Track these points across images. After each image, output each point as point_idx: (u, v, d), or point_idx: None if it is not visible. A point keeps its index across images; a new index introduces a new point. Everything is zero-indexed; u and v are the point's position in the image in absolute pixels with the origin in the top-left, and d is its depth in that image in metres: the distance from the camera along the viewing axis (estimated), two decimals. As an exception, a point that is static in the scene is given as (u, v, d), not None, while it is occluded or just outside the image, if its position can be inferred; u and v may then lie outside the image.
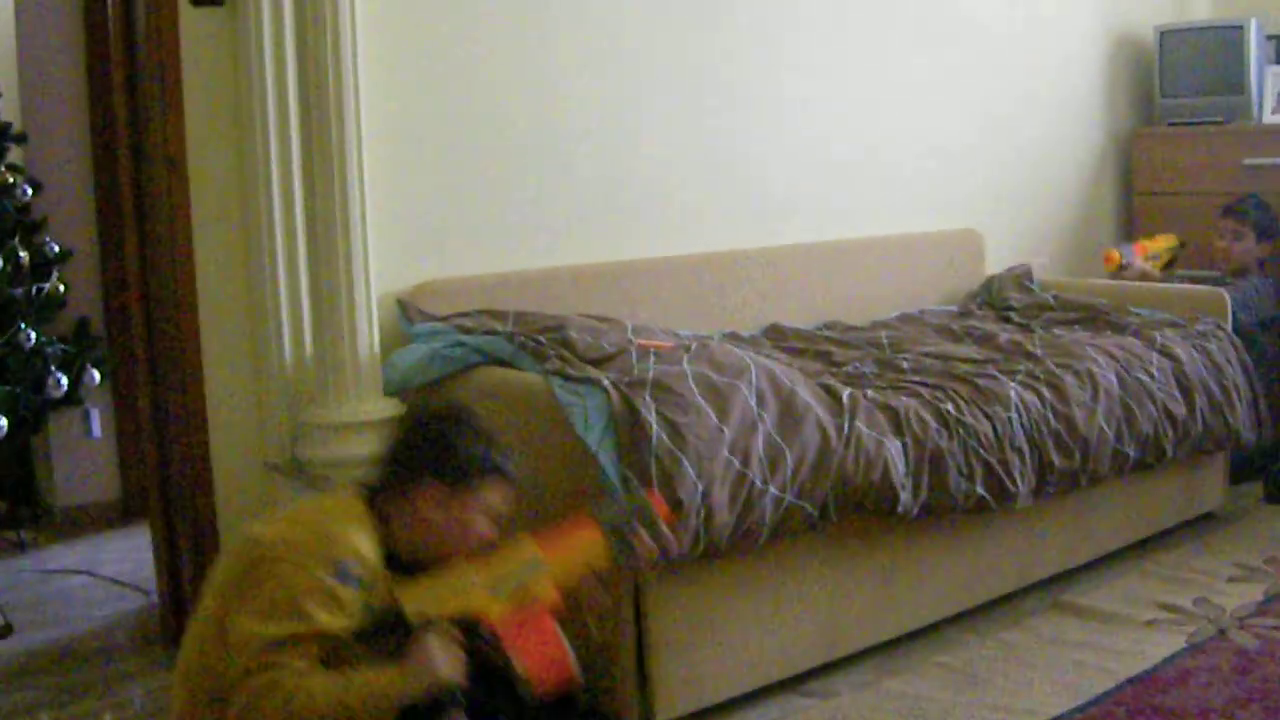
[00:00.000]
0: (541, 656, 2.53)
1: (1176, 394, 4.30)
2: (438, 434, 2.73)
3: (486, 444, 2.74)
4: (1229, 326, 4.76)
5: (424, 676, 2.44)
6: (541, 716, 2.92)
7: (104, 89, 4.87)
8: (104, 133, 5.19)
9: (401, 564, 2.65)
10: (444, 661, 2.46)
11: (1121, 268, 5.46)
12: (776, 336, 4.52)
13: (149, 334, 4.00)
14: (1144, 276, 5.41)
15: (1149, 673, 3.52)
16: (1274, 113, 5.86)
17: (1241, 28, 5.90)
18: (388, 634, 2.51)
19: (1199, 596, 4.05)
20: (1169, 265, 5.62)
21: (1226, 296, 4.88)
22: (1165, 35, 6.13)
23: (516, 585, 2.59)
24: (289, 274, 3.68)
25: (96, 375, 4.94)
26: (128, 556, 4.85)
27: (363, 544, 2.57)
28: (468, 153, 4.09)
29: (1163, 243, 5.66)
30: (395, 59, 3.89)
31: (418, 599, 2.53)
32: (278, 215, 3.65)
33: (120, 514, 5.38)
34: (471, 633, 2.54)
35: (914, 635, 3.81)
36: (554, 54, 4.27)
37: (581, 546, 2.71)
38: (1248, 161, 5.78)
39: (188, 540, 3.85)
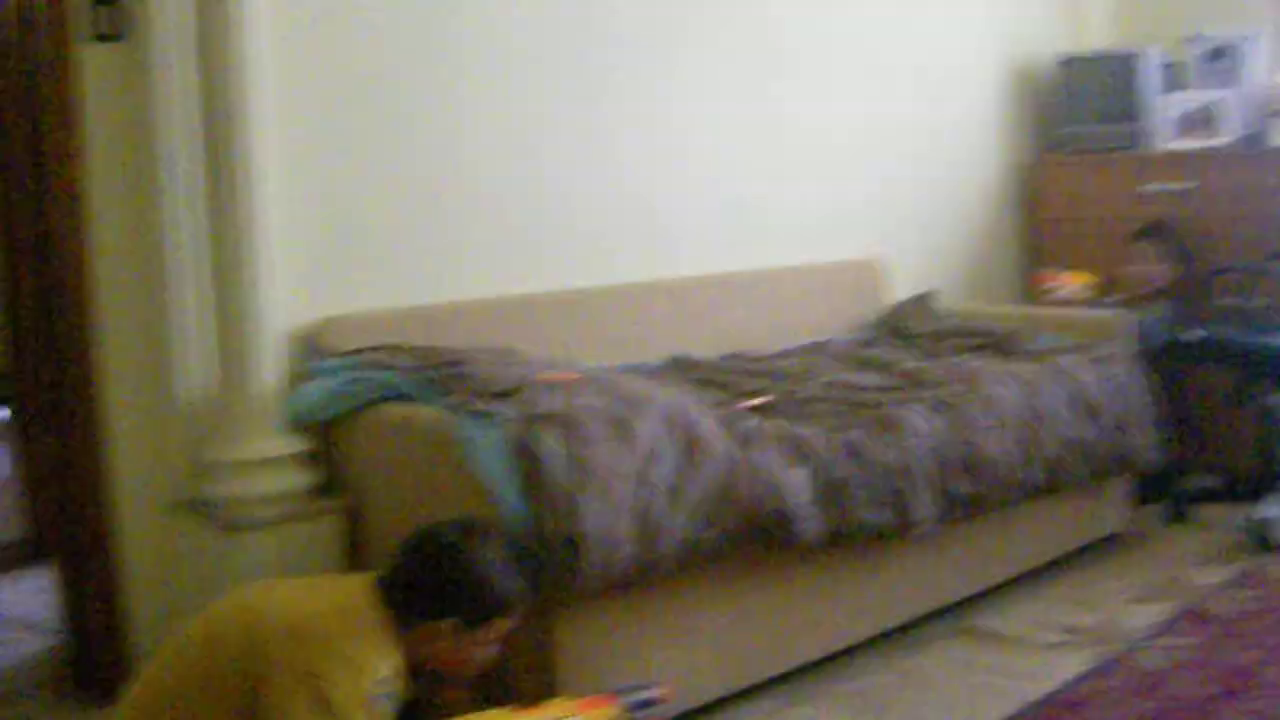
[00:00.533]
0: None
1: (1079, 418, 4.36)
2: (469, 572, 2.81)
3: (512, 577, 2.85)
4: (1132, 350, 4.83)
5: None
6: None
7: (1, 123, 4.80)
8: (2, 169, 5.11)
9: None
10: None
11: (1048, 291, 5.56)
12: (680, 367, 4.53)
13: (51, 371, 3.95)
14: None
15: (1054, 695, 3.56)
16: (1171, 139, 5.96)
17: (1139, 56, 6.02)
18: None
19: (1104, 617, 4.11)
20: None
21: (1128, 320, 4.95)
22: (1064, 64, 6.23)
23: None
24: (191, 310, 3.64)
25: (6, 412, 4.88)
26: (35, 598, 4.77)
27: (396, 658, 2.71)
28: (373, 187, 4.08)
29: (1085, 279, 5.77)
30: (299, 93, 3.86)
31: None
32: (180, 252, 3.61)
33: (29, 553, 5.29)
34: None
35: (819, 663, 3.81)
36: (458, 92, 4.26)
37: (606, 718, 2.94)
38: (1145, 188, 5.88)
39: (94, 581, 3.79)
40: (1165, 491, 5.27)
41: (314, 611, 2.69)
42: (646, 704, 3.01)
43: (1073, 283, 5.76)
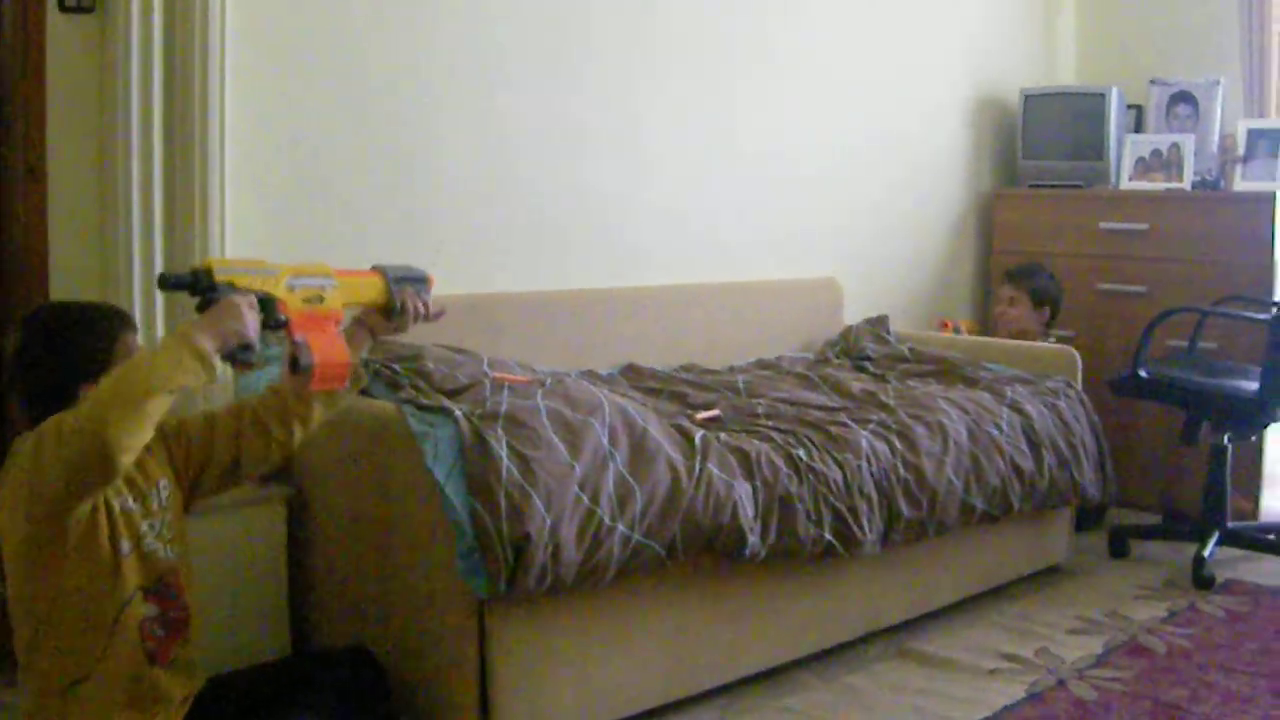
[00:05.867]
0: (325, 349, 2.67)
1: (1025, 448, 4.39)
2: (62, 348, 2.67)
3: (92, 323, 2.71)
4: (1078, 385, 4.87)
5: (225, 321, 2.52)
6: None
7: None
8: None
9: None
10: (246, 313, 2.54)
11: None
12: (633, 376, 4.52)
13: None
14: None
15: (987, 721, 3.57)
16: (1131, 179, 6.02)
17: (1104, 95, 6.09)
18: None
19: (1040, 647, 4.12)
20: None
21: (1077, 356, 4.99)
22: (1030, 98, 6.29)
23: (313, 289, 2.72)
24: (145, 290, 3.61)
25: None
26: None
27: None
28: (334, 177, 4.07)
29: (972, 325, 5.89)
30: (263, 75, 3.86)
31: (227, 269, 2.63)
32: (136, 227, 3.58)
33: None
34: (267, 311, 2.64)
35: (759, 677, 3.81)
36: (432, 89, 4.27)
37: (368, 284, 2.89)
38: (1104, 225, 5.94)
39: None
40: (1101, 523, 5.33)
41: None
42: (413, 279, 2.96)
43: (965, 328, 5.87)
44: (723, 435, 3.72)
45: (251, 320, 2.56)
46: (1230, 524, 4.99)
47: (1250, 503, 5.49)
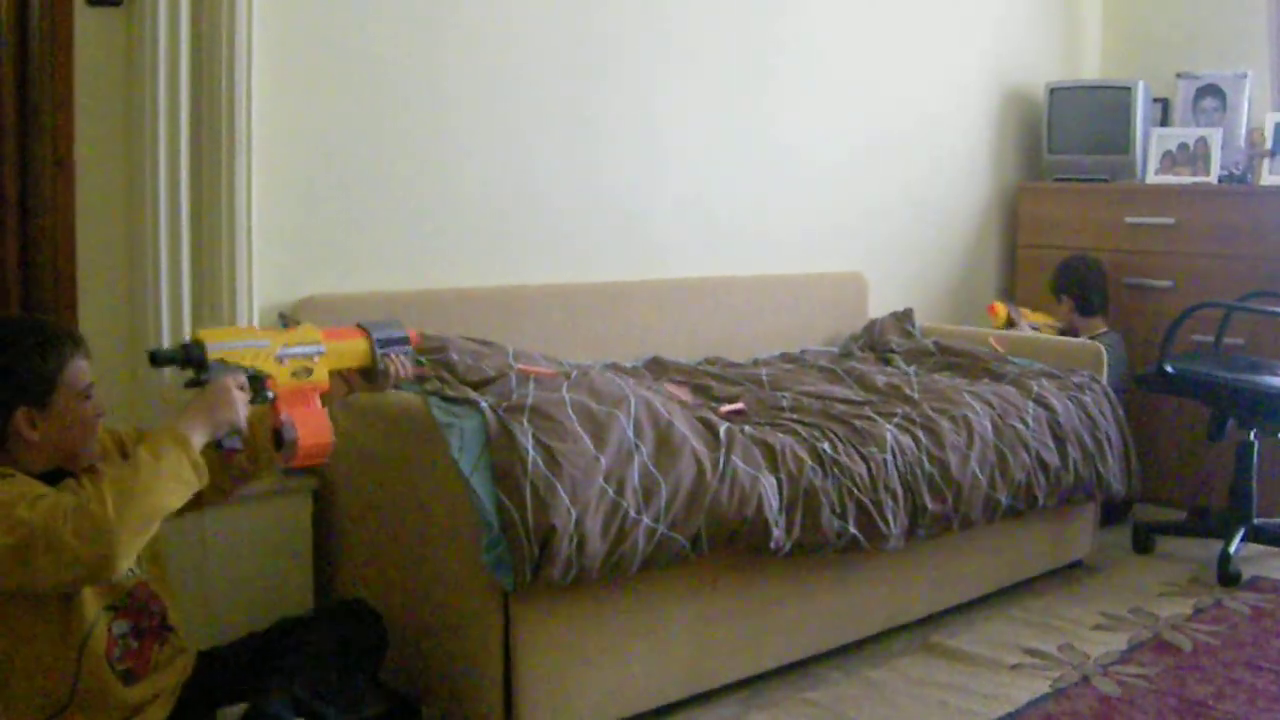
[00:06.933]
0: (310, 426, 2.75)
1: (1050, 443, 4.37)
2: (5, 369, 2.59)
3: (42, 345, 2.63)
4: (1104, 379, 4.85)
5: (218, 411, 2.59)
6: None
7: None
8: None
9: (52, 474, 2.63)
10: (238, 400, 2.62)
11: (1008, 324, 5.59)
12: (657, 369, 4.52)
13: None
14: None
15: (1011, 716, 3.56)
16: (1157, 173, 5.99)
17: (1130, 89, 6.05)
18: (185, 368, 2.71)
19: (1064, 643, 4.11)
20: None
21: (1103, 350, 4.98)
22: (1055, 92, 6.26)
23: (300, 360, 2.81)
24: (171, 281, 3.61)
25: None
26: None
27: (19, 481, 2.52)
28: (358, 170, 4.06)
29: (1042, 318, 5.81)
30: (290, 70, 3.86)
31: (219, 344, 2.71)
32: (163, 221, 3.58)
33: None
34: (257, 389, 2.73)
35: (782, 671, 3.82)
36: (451, 78, 4.25)
37: (354, 350, 2.94)
38: (1129, 219, 5.91)
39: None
40: (1125, 518, 5.31)
41: None
42: (396, 341, 3.01)
43: (1030, 318, 5.81)
44: (747, 428, 3.71)
45: (242, 408, 2.64)
46: (1256, 520, 4.97)
47: (1276, 499, 5.46)
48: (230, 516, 3.56)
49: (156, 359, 2.71)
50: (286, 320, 3.26)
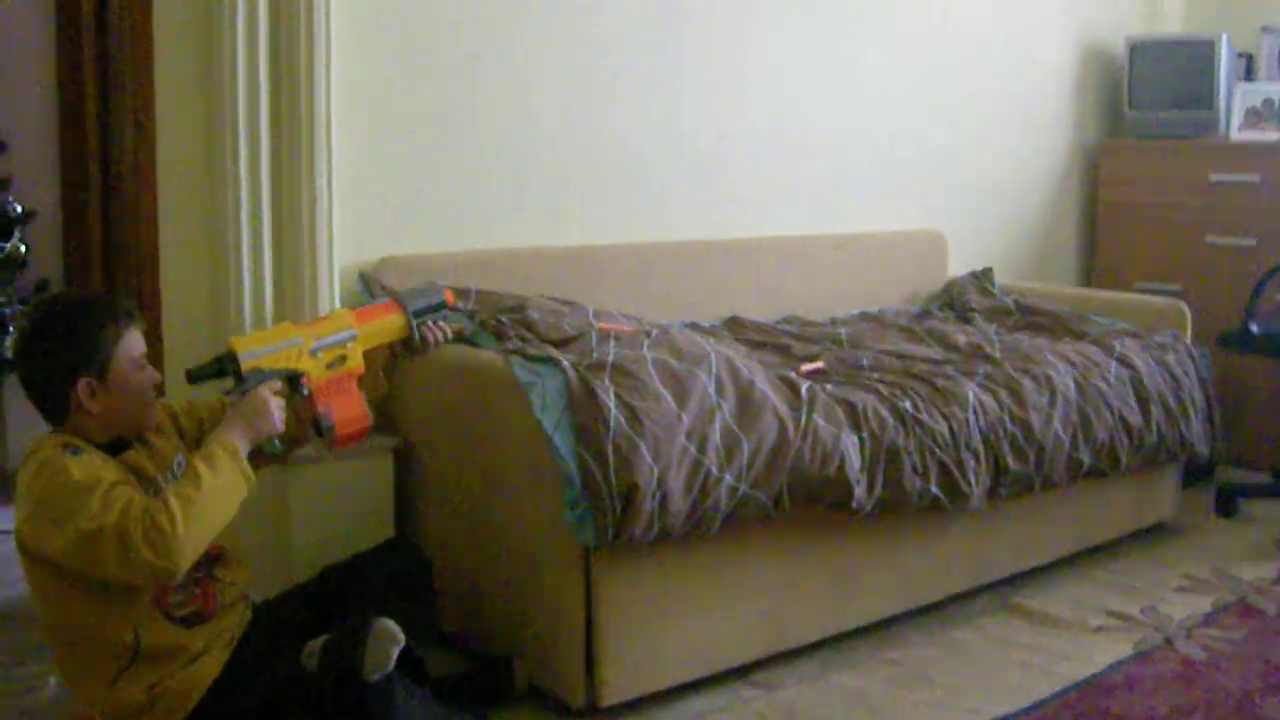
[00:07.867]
0: (346, 413, 2.88)
1: (1133, 403, 4.32)
2: (63, 343, 2.69)
3: (99, 317, 2.72)
4: (1187, 339, 4.79)
5: (257, 421, 2.71)
6: (473, 692, 3.23)
7: (74, 52, 4.82)
8: (72, 95, 5.14)
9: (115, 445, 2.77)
10: (274, 409, 2.74)
11: None
12: (736, 328, 4.51)
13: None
14: None
15: (1094, 678, 3.54)
16: (1241, 130, 5.89)
17: (1212, 43, 5.93)
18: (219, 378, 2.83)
19: (1147, 605, 4.08)
20: None
21: (1186, 309, 4.91)
22: (1136, 48, 6.15)
23: (334, 350, 2.91)
24: (252, 242, 3.63)
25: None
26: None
27: (93, 456, 2.65)
28: (438, 130, 4.07)
29: None
30: (367, 31, 3.87)
31: (252, 353, 2.80)
32: (243, 183, 3.60)
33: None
34: (293, 387, 2.85)
35: (863, 630, 3.81)
36: (526, 36, 4.25)
37: (389, 327, 3.04)
38: (1213, 177, 5.81)
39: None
40: (1209, 480, 5.24)
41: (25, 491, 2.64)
42: (432, 308, 3.10)
43: None
44: (828, 387, 3.69)
45: (278, 416, 2.76)
46: (1342, 483, 4.90)
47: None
48: (312, 475, 3.59)
49: (193, 377, 2.80)
50: (367, 281, 3.27)
